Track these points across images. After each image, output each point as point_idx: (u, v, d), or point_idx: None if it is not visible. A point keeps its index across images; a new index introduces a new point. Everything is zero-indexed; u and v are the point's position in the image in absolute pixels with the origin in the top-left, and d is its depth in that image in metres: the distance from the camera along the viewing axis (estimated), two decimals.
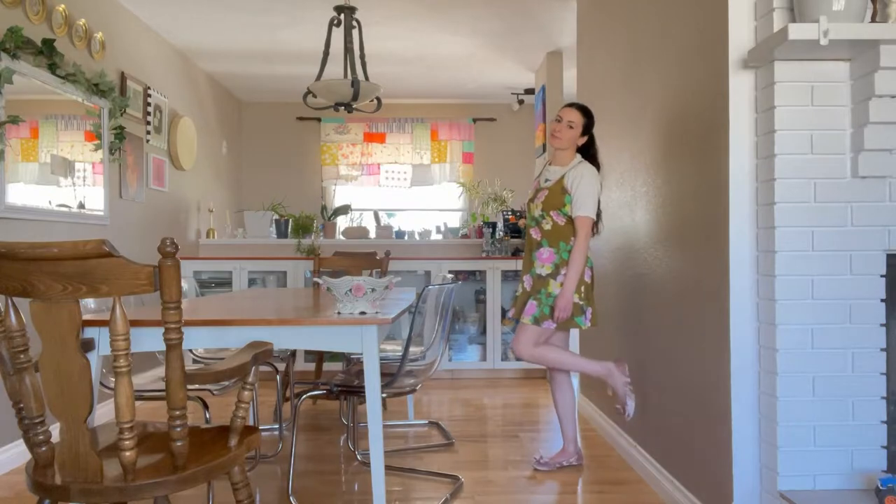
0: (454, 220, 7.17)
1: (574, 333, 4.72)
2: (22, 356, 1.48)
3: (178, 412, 1.50)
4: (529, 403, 4.43)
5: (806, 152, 2.00)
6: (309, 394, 2.79)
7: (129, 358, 1.44)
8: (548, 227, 2.90)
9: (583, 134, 2.96)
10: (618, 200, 3.38)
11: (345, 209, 6.61)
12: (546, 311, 2.88)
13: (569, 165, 2.93)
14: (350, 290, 2.26)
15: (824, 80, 2.00)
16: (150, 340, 2.04)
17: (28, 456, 2.43)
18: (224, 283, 5.21)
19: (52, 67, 3.45)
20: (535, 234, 2.96)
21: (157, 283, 1.42)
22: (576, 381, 4.68)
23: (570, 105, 3.02)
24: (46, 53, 3.38)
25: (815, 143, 2.00)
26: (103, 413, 3.79)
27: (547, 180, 2.97)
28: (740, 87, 2.11)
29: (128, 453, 1.45)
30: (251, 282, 5.26)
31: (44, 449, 1.52)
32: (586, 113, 2.98)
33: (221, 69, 6.09)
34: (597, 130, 3.72)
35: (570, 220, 2.88)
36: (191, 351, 3.22)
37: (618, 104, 3.37)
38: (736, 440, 2.11)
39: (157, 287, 1.43)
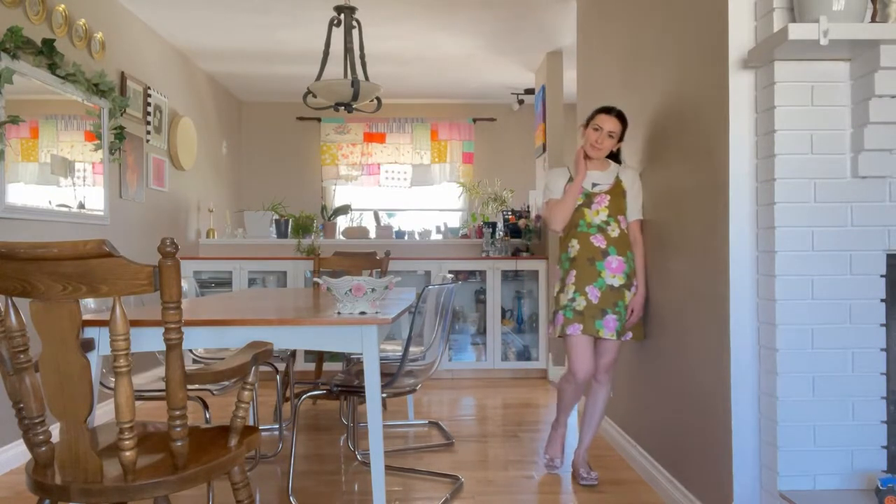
0: (454, 220, 7.17)
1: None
2: (22, 356, 1.48)
3: (178, 412, 1.50)
4: (529, 403, 4.43)
5: (806, 152, 2.00)
6: (309, 394, 2.79)
7: (129, 358, 1.44)
8: (615, 233, 2.79)
9: (619, 140, 2.88)
10: None
11: (345, 209, 6.61)
12: (623, 323, 2.79)
13: (611, 168, 2.90)
14: (350, 290, 2.26)
15: (824, 80, 2.00)
16: (150, 340, 2.04)
17: (28, 456, 2.43)
18: (224, 283, 5.21)
19: (52, 67, 3.45)
20: (598, 241, 2.78)
21: (157, 283, 1.42)
22: None
23: (608, 112, 2.85)
24: (46, 53, 3.38)
25: (815, 143, 2.00)
26: (103, 413, 3.79)
27: (596, 185, 2.85)
28: (740, 87, 2.11)
29: (128, 453, 1.45)
30: (251, 282, 5.26)
31: (44, 449, 1.52)
32: (624, 121, 2.86)
33: (221, 69, 6.08)
34: None
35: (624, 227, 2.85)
36: (191, 351, 3.22)
37: (618, 104, 3.37)
38: (736, 440, 2.11)
39: (157, 287, 1.43)
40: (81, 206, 3.81)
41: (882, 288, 2.00)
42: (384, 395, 2.69)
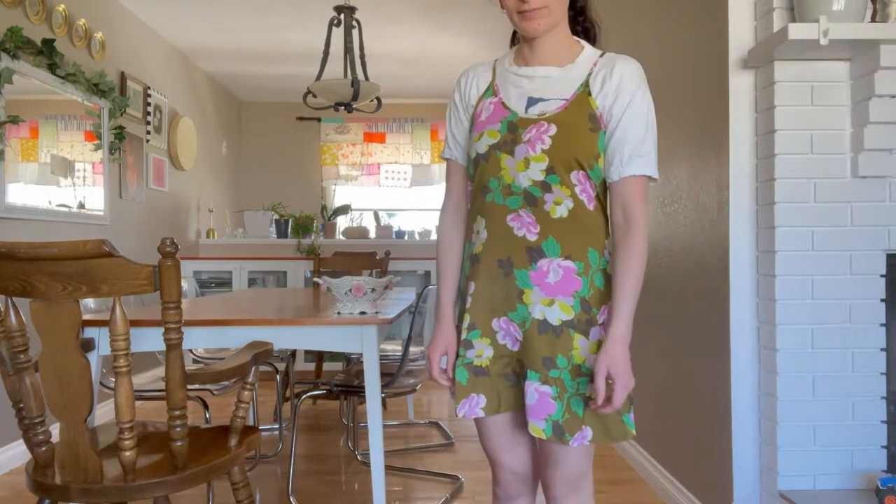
0: None
1: None
2: (22, 356, 1.48)
3: (177, 412, 1.50)
4: None
5: (806, 152, 2.00)
6: (309, 394, 2.79)
7: (129, 358, 1.44)
8: (561, 209, 1.32)
9: None
10: None
11: (345, 209, 6.61)
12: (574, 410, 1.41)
13: (581, 57, 1.39)
14: (350, 290, 2.26)
15: (824, 80, 2.00)
16: (150, 340, 2.04)
17: (28, 456, 2.43)
18: (224, 283, 5.21)
19: (52, 67, 3.45)
20: (520, 225, 1.34)
21: (157, 283, 1.42)
22: None
23: None
24: (46, 53, 3.38)
25: (815, 143, 2.00)
26: (103, 413, 3.79)
27: (537, 99, 1.36)
28: (740, 87, 2.11)
29: (128, 453, 1.45)
30: (251, 282, 5.26)
31: (44, 449, 1.52)
32: None
33: (221, 69, 6.08)
34: None
35: (602, 194, 1.38)
36: (191, 351, 3.22)
37: None
38: (736, 440, 2.11)
39: (157, 287, 1.43)
40: (81, 206, 3.81)
41: (882, 288, 2.00)
42: (384, 395, 2.69)
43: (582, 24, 1.47)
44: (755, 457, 2.11)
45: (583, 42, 1.42)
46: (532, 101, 1.36)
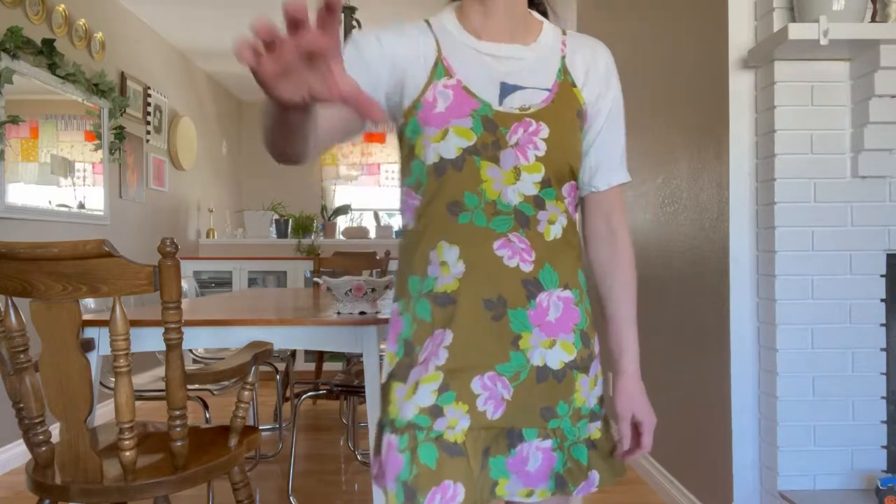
0: None
1: None
2: (22, 356, 1.48)
3: (177, 412, 1.50)
4: None
5: (806, 152, 2.00)
6: (309, 394, 2.79)
7: (128, 358, 1.44)
8: (556, 230, 1.06)
9: None
10: None
11: (345, 209, 6.61)
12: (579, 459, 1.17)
13: (543, 35, 1.12)
14: (350, 290, 2.26)
15: (824, 80, 2.00)
16: (150, 340, 2.04)
17: (28, 456, 2.43)
18: (224, 283, 5.21)
19: (52, 67, 3.45)
20: (512, 253, 1.03)
21: (157, 283, 1.42)
22: None
23: None
24: (46, 53, 3.38)
25: (815, 143, 2.00)
26: (103, 413, 3.79)
27: (515, 88, 1.05)
28: (740, 87, 2.11)
29: (128, 453, 1.45)
30: (251, 282, 5.26)
31: (44, 449, 1.52)
32: None
33: (221, 69, 6.08)
34: None
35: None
36: (191, 351, 3.22)
37: None
38: (736, 440, 2.11)
39: (157, 287, 1.43)
40: (81, 206, 3.81)
41: (882, 288, 2.00)
42: None
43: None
44: (755, 457, 2.11)
45: (537, 15, 1.14)
46: (507, 90, 1.03)
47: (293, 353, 3.68)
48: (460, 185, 1.02)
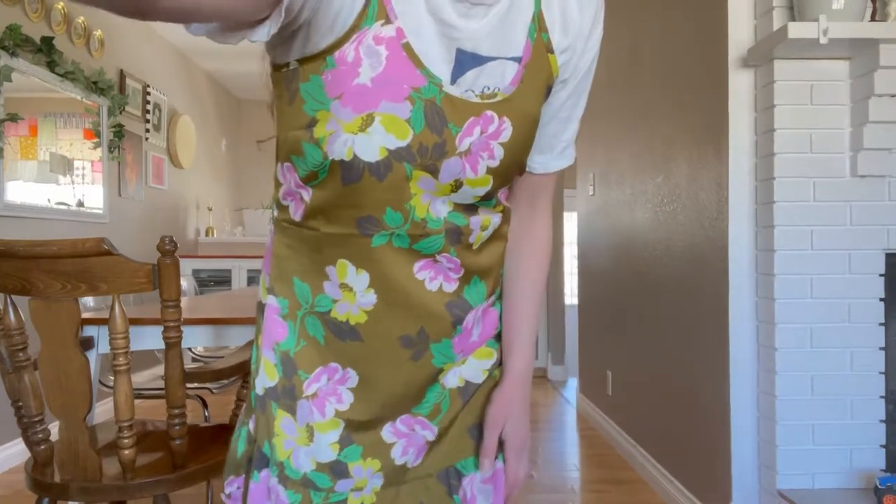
0: None
1: (570, 321, 4.74)
2: (21, 354, 1.48)
3: (177, 410, 1.50)
4: None
5: (805, 151, 2.00)
6: None
7: (128, 356, 1.44)
8: (488, 231, 0.83)
9: None
10: (617, 199, 3.38)
11: None
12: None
13: None
14: None
15: (824, 79, 2.00)
16: (149, 339, 2.04)
17: (27, 454, 2.43)
18: (223, 281, 5.21)
19: (52, 65, 3.44)
20: (434, 275, 0.80)
21: (156, 281, 1.42)
22: (574, 381, 4.69)
23: None
24: (45, 51, 3.38)
25: (815, 142, 2.00)
26: (103, 412, 3.79)
27: (475, 59, 0.73)
28: (740, 86, 2.11)
29: (127, 451, 1.45)
30: (250, 280, 5.25)
31: (43, 447, 1.51)
32: None
33: (220, 67, 6.08)
34: (597, 129, 3.72)
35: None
36: (190, 350, 3.22)
37: (618, 102, 3.37)
38: (735, 439, 2.12)
39: (157, 285, 1.43)
40: (80, 204, 3.81)
41: (881, 287, 2.00)
42: None
43: None
44: (754, 456, 2.11)
45: None
46: (465, 61, 0.72)
47: None
48: (379, 200, 0.73)
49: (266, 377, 0.83)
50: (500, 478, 0.88)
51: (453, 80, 0.72)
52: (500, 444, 0.88)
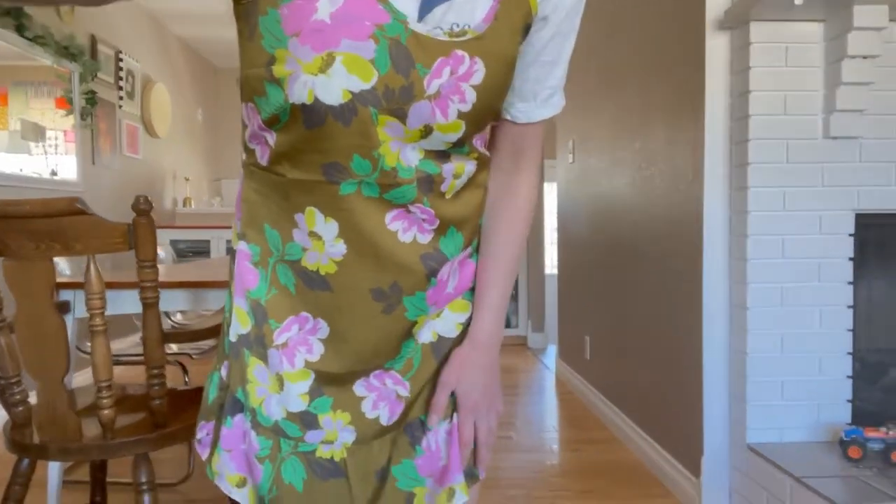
0: None
1: (550, 290, 4.78)
2: None
3: (156, 371, 1.51)
4: (508, 369, 4.48)
5: (779, 113, 2.02)
6: None
7: (104, 317, 1.44)
8: (462, 179, 0.79)
9: None
10: (596, 165, 3.39)
11: None
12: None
13: None
14: None
15: (798, 41, 2.01)
16: (127, 303, 2.03)
17: (5, 418, 2.42)
18: (202, 252, 5.17)
19: (20, 29, 3.36)
20: (407, 226, 0.78)
21: (132, 241, 1.41)
22: (554, 347, 4.75)
23: None
24: (13, 15, 3.29)
25: (789, 104, 2.02)
26: (82, 381, 3.78)
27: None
28: (716, 49, 2.12)
29: (106, 411, 1.45)
30: (230, 251, 5.23)
31: (21, 409, 1.51)
32: None
33: (195, 33, 5.96)
34: (575, 95, 3.72)
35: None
36: (168, 318, 3.21)
37: (596, 68, 3.37)
38: (707, 396, 2.17)
39: (132, 245, 1.42)
40: (54, 173, 3.75)
41: (850, 247, 2.05)
42: None
43: None
44: (725, 412, 2.17)
45: None
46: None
47: None
48: (346, 147, 0.70)
49: (239, 324, 0.83)
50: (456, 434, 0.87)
51: (420, 17, 0.68)
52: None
